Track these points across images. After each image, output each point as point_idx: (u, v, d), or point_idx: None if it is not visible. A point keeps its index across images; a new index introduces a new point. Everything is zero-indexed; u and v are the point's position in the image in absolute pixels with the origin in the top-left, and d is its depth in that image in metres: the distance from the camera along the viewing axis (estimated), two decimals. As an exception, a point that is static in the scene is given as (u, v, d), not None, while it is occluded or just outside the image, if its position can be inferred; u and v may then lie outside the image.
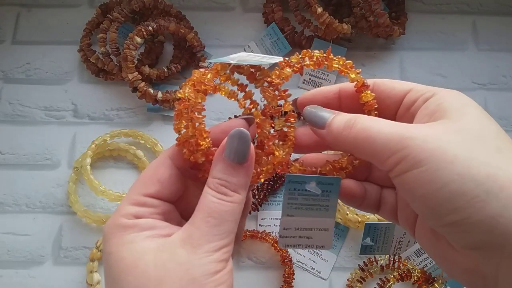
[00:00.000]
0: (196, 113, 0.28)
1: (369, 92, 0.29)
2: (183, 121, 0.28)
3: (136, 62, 0.62)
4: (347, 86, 0.30)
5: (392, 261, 0.55)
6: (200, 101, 0.28)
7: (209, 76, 0.28)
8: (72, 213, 0.58)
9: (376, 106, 0.29)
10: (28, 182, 0.60)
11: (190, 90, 0.28)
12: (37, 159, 0.61)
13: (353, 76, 0.29)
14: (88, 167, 0.56)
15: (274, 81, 0.28)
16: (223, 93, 0.29)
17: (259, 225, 0.58)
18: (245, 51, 0.65)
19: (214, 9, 0.68)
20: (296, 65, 0.29)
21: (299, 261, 0.56)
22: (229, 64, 0.29)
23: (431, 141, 0.23)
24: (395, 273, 0.54)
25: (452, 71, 0.65)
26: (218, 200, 0.26)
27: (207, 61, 0.64)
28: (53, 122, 0.63)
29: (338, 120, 0.27)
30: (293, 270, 0.55)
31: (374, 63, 0.65)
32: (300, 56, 0.29)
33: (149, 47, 0.65)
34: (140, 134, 0.60)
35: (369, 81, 0.30)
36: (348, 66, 0.29)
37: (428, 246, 0.27)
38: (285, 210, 0.29)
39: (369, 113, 0.29)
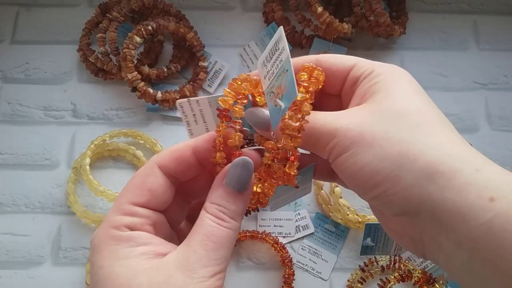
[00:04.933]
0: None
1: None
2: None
3: (135, 61, 0.62)
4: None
5: (392, 262, 0.54)
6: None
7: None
8: (71, 213, 0.57)
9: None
10: (27, 182, 0.59)
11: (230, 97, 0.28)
12: (36, 159, 0.61)
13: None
14: (87, 167, 0.56)
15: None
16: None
17: (259, 226, 0.57)
18: (244, 50, 0.65)
19: (214, 8, 0.68)
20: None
21: (299, 262, 0.56)
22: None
23: (353, 128, 0.26)
24: (396, 274, 0.54)
25: (453, 70, 0.65)
26: (216, 224, 0.26)
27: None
28: (52, 122, 0.62)
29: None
30: (293, 271, 0.55)
31: (374, 63, 0.65)
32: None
33: (149, 46, 0.64)
34: (139, 134, 0.60)
35: (312, 58, 0.30)
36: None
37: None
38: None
39: None
